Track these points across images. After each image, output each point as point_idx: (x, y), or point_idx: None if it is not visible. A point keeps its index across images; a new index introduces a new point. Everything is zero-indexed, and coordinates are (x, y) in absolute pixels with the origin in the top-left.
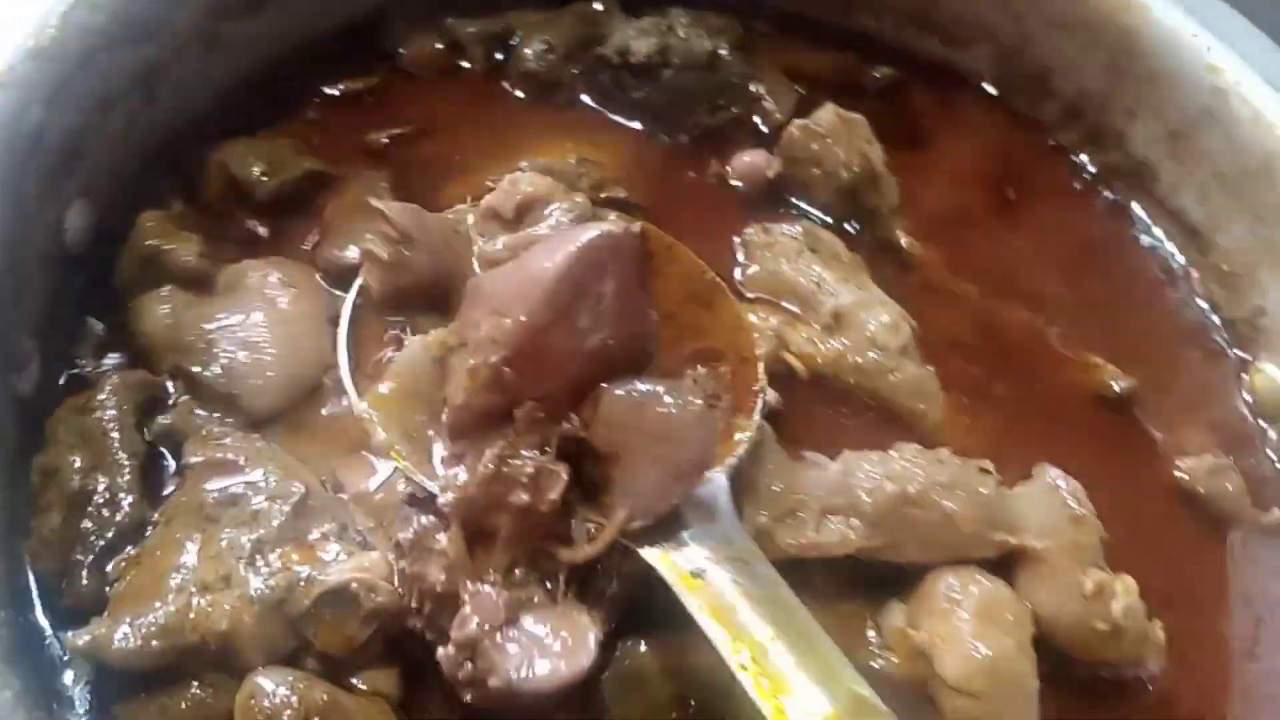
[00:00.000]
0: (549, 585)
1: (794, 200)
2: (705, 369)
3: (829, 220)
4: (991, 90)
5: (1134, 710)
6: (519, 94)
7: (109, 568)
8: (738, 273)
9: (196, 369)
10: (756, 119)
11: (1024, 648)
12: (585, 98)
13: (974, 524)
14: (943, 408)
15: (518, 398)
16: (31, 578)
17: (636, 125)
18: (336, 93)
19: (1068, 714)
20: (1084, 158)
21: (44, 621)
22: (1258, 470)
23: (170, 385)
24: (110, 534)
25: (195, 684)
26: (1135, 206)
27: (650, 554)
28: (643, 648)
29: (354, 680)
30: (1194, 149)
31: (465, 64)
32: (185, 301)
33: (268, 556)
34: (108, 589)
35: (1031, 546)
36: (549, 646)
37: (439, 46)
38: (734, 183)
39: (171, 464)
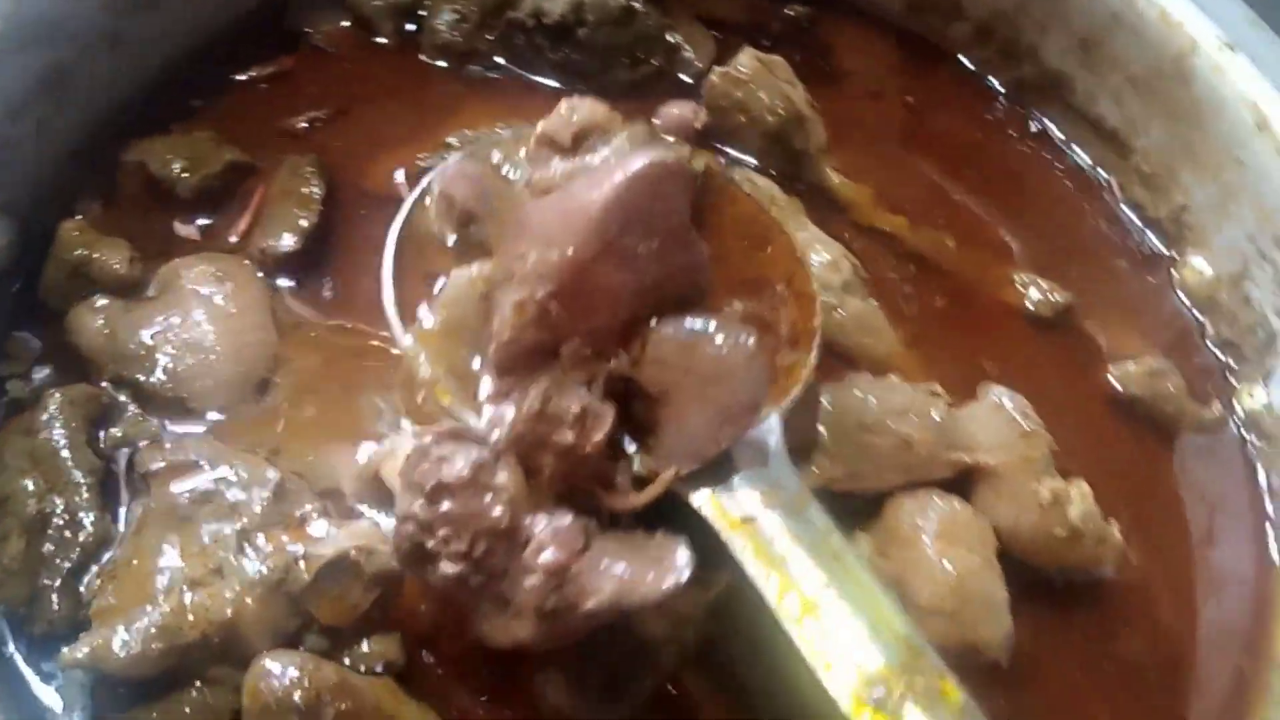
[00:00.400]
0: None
1: (724, 148)
2: (758, 302)
3: (760, 165)
4: (902, 19)
5: (1107, 608)
6: (436, 65)
7: (81, 588)
8: None
9: (141, 377)
10: (678, 69)
11: (989, 562)
12: (504, 62)
13: (929, 446)
14: (888, 339)
15: (564, 334)
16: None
17: (558, 86)
18: (247, 80)
19: (1040, 621)
20: (996, 82)
21: (18, 653)
22: (1201, 364)
23: (115, 394)
24: (76, 554)
25: (195, 685)
26: (1053, 126)
27: (699, 497)
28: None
29: (362, 646)
30: (1105, 56)
31: (377, 39)
32: (120, 309)
33: (256, 542)
34: (81, 611)
35: (985, 463)
36: (640, 564)
37: (346, 24)
38: (664, 137)
39: (126, 473)
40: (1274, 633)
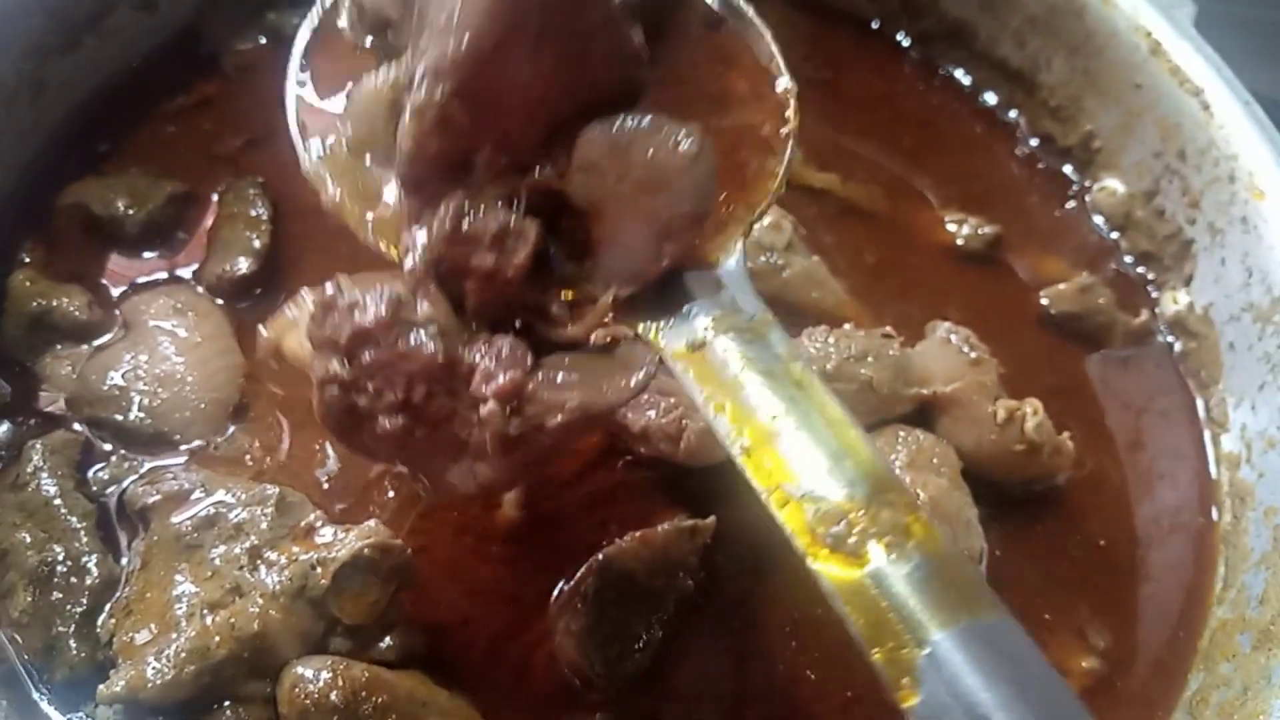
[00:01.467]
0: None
1: None
2: (721, 117)
3: None
4: None
5: (1065, 511)
6: None
7: (97, 629)
8: None
9: (118, 416)
10: None
11: (956, 482)
12: None
13: (889, 385)
14: (834, 291)
15: (475, 142)
16: (17, 661)
17: None
18: (172, 109)
19: (1006, 532)
20: (903, 38)
21: (41, 701)
22: (1123, 279)
23: (94, 436)
24: (85, 598)
25: (227, 706)
26: (960, 73)
27: (642, 328)
28: None
29: (385, 643)
30: (1003, 0)
31: None
32: (86, 353)
33: (268, 557)
34: (99, 652)
35: (942, 392)
36: (599, 371)
37: (264, 42)
38: None
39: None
40: (1214, 504)
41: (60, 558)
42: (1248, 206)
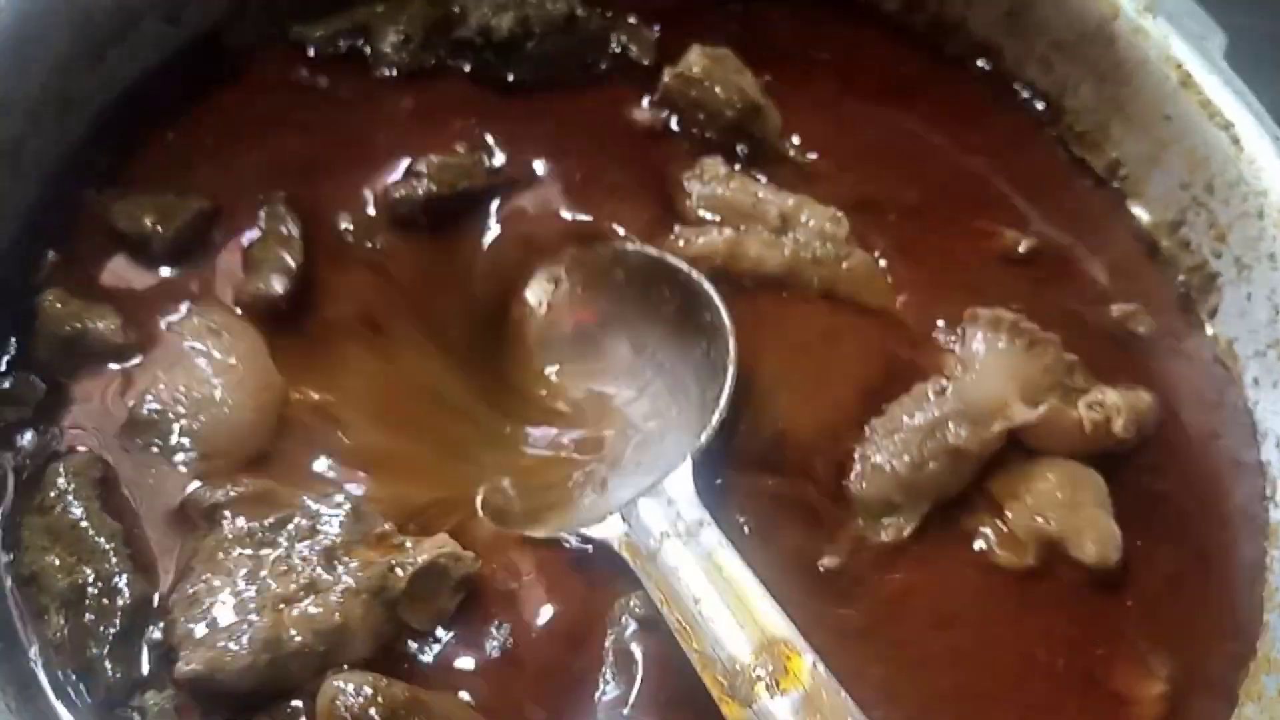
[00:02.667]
0: None
1: (687, 142)
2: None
3: (726, 156)
4: None
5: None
6: (386, 85)
7: (139, 648)
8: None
9: (159, 442)
10: (626, 67)
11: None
12: (453, 67)
13: (972, 435)
14: (883, 291)
15: None
16: (49, 689)
17: (511, 92)
18: (192, 120)
19: None
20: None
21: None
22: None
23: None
24: (119, 620)
25: (289, 704)
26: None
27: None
28: None
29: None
30: (1031, 22)
31: (321, 64)
32: (117, 376)
33: (343, 559)
34: (135, 672)
35: (1023, 422)
36: None
37: (289, 53)
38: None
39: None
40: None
41: (90, 579)
42: (1276, 243)
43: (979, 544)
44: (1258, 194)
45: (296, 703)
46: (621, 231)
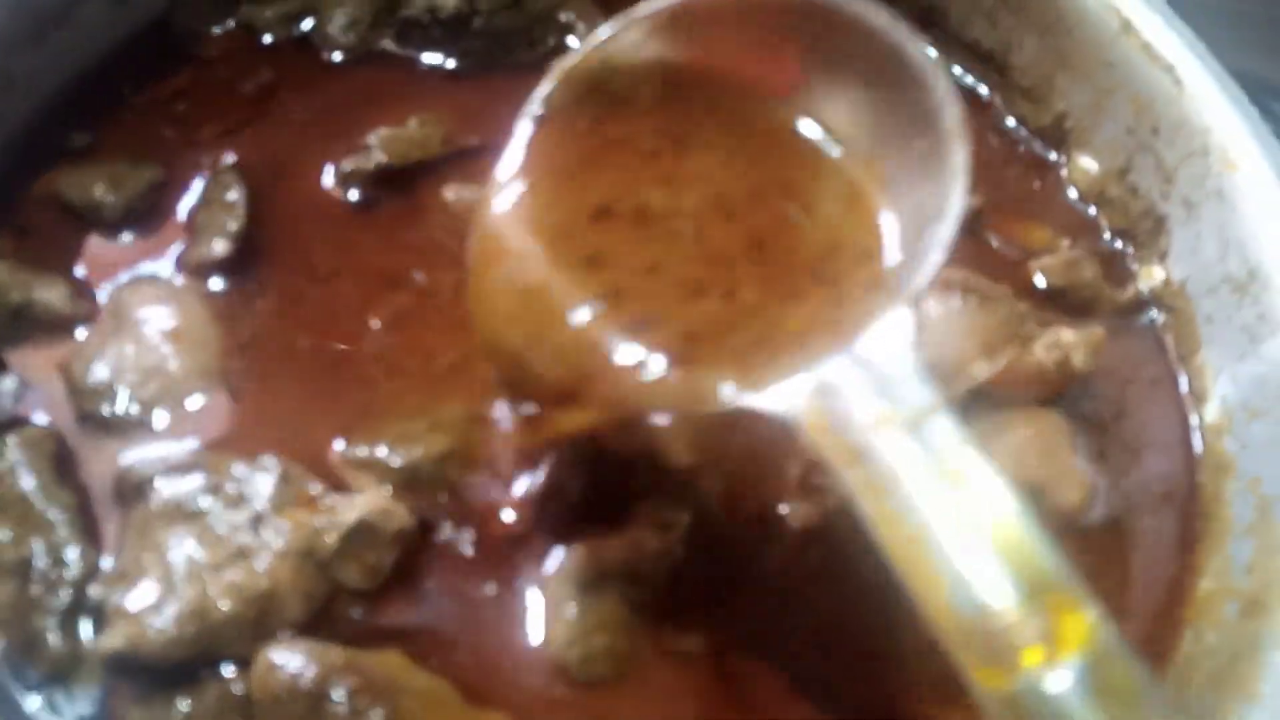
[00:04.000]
0: None
1: None
2: None
3: None
4: None
5: None
6: (335, 64)
7: (78, 625)
8: None
9: (107, 410)
10: (573, 45)
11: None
12: (403, 52)
13: None
14: None
15: None
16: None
17: (461, 72)
18: (145, 99)
19: None
20: None
21: (21, 696)
22: (1104, 254)
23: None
24: (66, 592)
25: (215, 673)
26: (932, 53)
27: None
28: None
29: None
30: None
31: (270, 45)
32: (66, 346)
33: (274, 522)
34: (80, 648)
35: (981, 375)
36: None
37: (237, 33)
38: None
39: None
40: (1198, 475)
41: (39, 551)
42: (1222, 179)
43: None
44: (1201, 132)
45: (230, 669)
46: None
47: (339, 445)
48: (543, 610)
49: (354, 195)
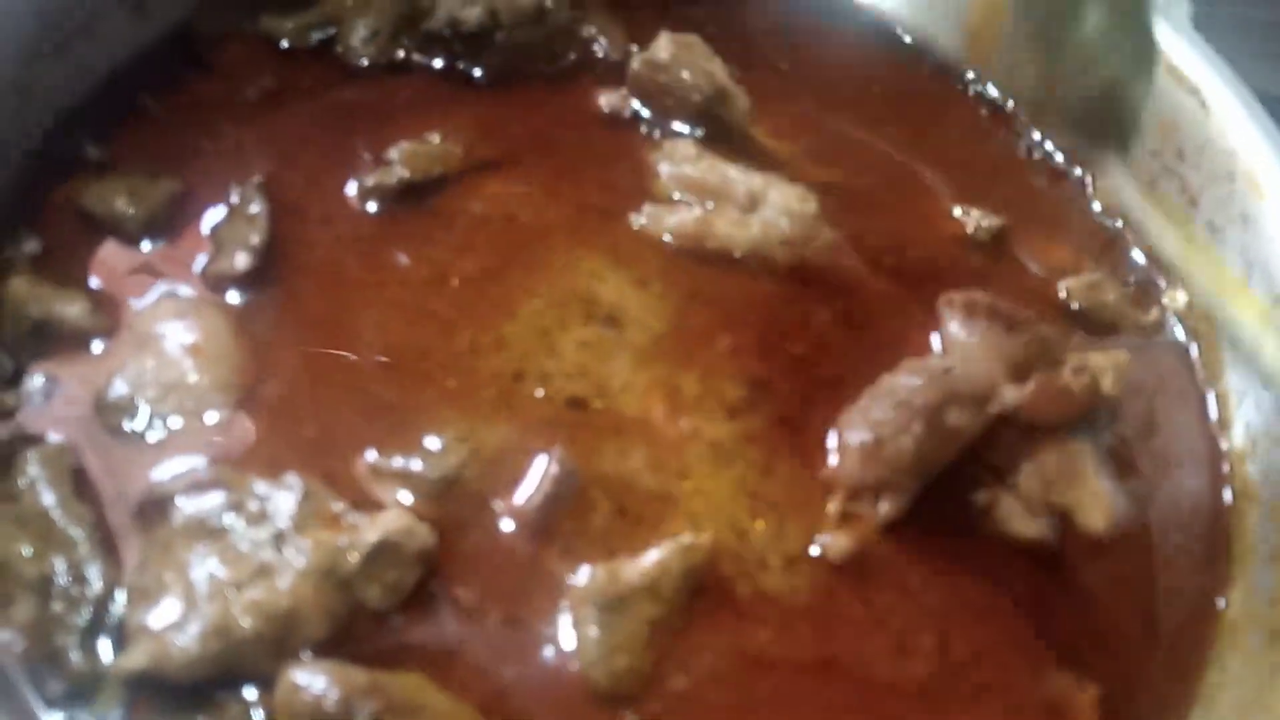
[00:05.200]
0: None
1: (657, 125)
2: None
3: (696, 137)
4: None
5: None
6: (356, 77)
7: (97, 642)
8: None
9: (128, 425)
10: (596, 59)
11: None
12: (423, 61)
13: (972, 420)
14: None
15: None
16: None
17: (481, 84)
18: (165, 108)
19: None
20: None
21: (40, 711)
22: (1131, 270)
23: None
24: (87, 610)
25: (237, 693)
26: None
27: None
28: None
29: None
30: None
31: (291, 57)
32: (91, 362)
33: (296, 540)
34: (100, 665)
35: (1012, 401)
36: None
37: (257, 44)
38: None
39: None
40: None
41: (60, 569)
42: (1247, 203)
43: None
44: (1227, 155)
45: (252, 690)
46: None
47: (370, 456)
48: (566, 630)
49: (376, 208)
